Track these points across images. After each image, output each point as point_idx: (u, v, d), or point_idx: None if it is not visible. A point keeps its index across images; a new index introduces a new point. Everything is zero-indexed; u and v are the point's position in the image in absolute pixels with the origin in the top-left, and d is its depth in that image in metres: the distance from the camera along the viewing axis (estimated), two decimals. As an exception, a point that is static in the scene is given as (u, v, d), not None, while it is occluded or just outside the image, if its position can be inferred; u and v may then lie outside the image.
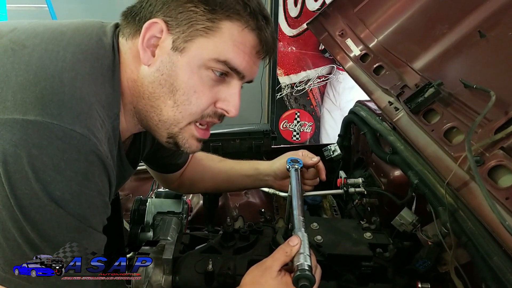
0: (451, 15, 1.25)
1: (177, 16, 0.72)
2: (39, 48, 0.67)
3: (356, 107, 1.63)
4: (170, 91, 0.74)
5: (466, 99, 1.00)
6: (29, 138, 0.59)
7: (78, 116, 0.63)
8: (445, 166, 0.94)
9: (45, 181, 0.60)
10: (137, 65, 0.76)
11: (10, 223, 0.60)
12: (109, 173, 0.70)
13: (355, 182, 1.43)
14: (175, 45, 0.72)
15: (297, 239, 0.76)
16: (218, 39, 0.72)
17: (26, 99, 0.60)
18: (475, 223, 0.81)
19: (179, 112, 0.76)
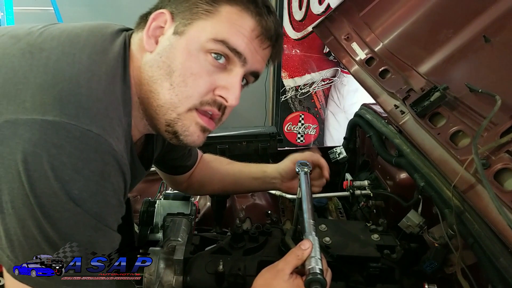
0: (456, 20, 1.27)
1: (181, 4, 0.75)
2: (56, 51, 0.69)
3: (362, 110, 1.65)
4: (167, 73, 0.74)
5: (472, 103, 1.02)
6: (48, 138, 0.60)
7: (94, 117, 0.65)
8: (451, 169, 0.95)
9: (63, 180, 0.61)
10: (142, 53, 0.78)
11: (30, 221, 0.61)
12: (124, 172, 0.71)
13: (361, 185, 1.44)
14: (176, 29, 0.74)
15: (308, 242, 0.78)
16: (216, 20, 0.73)
17: (45, 100, 0.62)
18: (481, 225, 0.83)
19: (175, 95, 0.74)
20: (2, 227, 0.62)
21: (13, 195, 0.61)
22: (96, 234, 0.66)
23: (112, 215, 0.69)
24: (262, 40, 0.77)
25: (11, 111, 0.61)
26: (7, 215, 0.62)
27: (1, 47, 0.71)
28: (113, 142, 0.67)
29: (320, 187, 1.22)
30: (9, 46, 0.70)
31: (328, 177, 1.19)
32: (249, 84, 0.85)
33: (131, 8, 3.51)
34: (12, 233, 0.62)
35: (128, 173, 0.74)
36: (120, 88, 0.73)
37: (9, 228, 0.62)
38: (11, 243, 0.63)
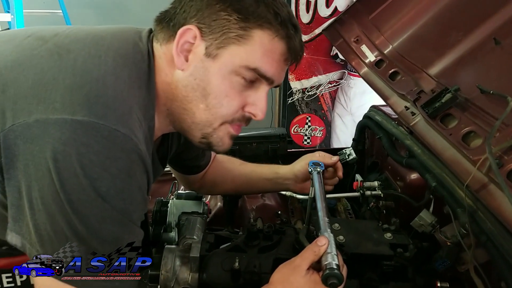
0: (466, 23, 1.28)
1: (211, 23, 0.76)
2: (83, 53, 0.72)
3: (371, 112, 1.67)
4: (203, 95, 0.78)
5: (483, 104, 1.03)
6: (77, 137, 0.63)
7: (121, 117, 0.67)
8: (464, 169, 0.97)
9: (92, 177, 0.63)
10: (171, 69, 0.80)
11: (60, 216, 0.63)
12: (148, 170, 0.74)
13: (371, 185, 1.46)
14: (208, 51, 0.76)
15: (324, 239, 0.80)
16: (249, 47, 0.76)
17: (73, 101, 0.65)
18: (494, 223, 0.85)
19: (211, 115, 0.80)
20: (31, 222, 0.65)
21: (43, 192, 0.63)
22: (122, 229, 0.69)
23: (136, 212, 0.72)
24: (288, 60, 0.82)
25: (41, 111, 0.64)
26: (37, 211, 0.64)
27: (29, 48, 0.73)
28: (138, 142, 0.69)
29: (332, 185, 1.24)
30: (37, 47, 0.73)
31: (341, 176, 1.21)
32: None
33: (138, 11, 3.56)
34: (42, 229, 0.65)
35: (151, 171, 0.76)
36: (143, 94, 0.75)
37: (39, 223, 0.65)
38: (41, 238, 0.65)
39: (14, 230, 0.68)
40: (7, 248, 0.85)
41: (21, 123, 0.63)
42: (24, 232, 0.67)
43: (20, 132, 0.63)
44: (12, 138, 0.64)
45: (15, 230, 0.68)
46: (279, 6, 0.78)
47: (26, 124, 0.63)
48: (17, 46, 0.74)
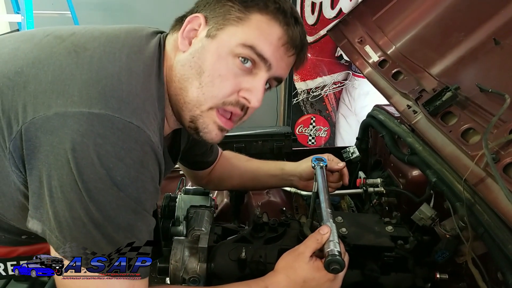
0: (467, 23, 1.31)
1: (215, 10, 0.81)
2: (99, 50, 0.75)
3: (374, 111, 1.70)
4: (198, 72, 0.80)
5: (482, 102, 1.07)
6: (94, 129, 0.66)
7: (134, 110, 0.71)
8: (463, 164, 1.00)
9: (108, 167, 0.67)
10: (175, 53, 0.84)
11: (77, 204, 0.67)
12: (160, 162, 0.77)
13: (374, 182, 1.49)
14: (209, 33, 0.81)
15: (327, 228, 0.84)
16: (246, 27, 0.79)
17: (90, 95, 0.68)
18: (491, 215, 0.88)
19: (202, 94, 0.80)
20: (51, 210, 0.68)
21: (62, 181, 0.66)
22: (135, 217, 0.72)
23: (149, 201, 0.75)
24: (287, 48, 0.83)
25: (60, 105, 0.67)
26: (56, 199, 0.67)
27: (48, 46, 0.77)
28: (150, 134, 0.73)
29: (334, 188, 1.28)
30: (55, 46, 0.76)
31: (347, 183, 1.25)
32: (272, 88, 0.91)
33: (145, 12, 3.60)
34: (61, 215, 0.68)
35: (163, 163, 0.80)
36: (155, 85, 0.79)
37: (58, 210, 0.68)
38: (60, 224, 0.69)
39: (35, 217, 0.72)
40: (26, 237, 0.89)
41: (41, 116, 0.67)
42: (44, 218, 0.70)
43: (40, 124, 0.67)
44: (33, 130, 0.67)
45: (36, 217, 0.71)
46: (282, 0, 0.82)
47: (46, 117, 0.67)
48: (36, 44, 0.78)
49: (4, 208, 0.78)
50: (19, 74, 0.72)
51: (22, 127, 0.68)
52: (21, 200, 0.76)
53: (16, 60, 0.74)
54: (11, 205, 0.77)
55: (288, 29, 0.81)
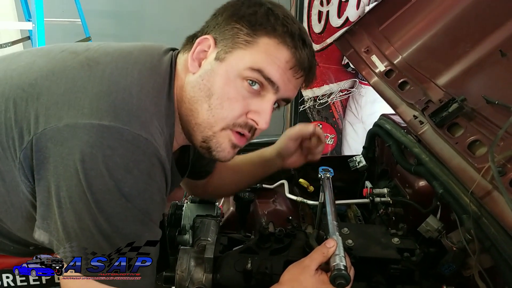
0: (474, 34, 1.32)
1: (224, 32, 0.82)
2: (111, 65, 0.77)
3: (381, 120, 1.70)
4: (207, 95, 0.82)
5: (488, 114, 1.07)
6: (104, 140, 0.68)
7: (143, 123, 0.73)
8: (469, 176, 1.00)
9: (116, 179, 0.68)
10: (186, 74, 0.86)
11: (86, 214, 0.68)
12: (166, 174, 0.79)
13: (381, 192, 1.48)
14: (218, 55, 0.82)
15: (333, 241, 0.84)
16: (254, 50, 0.81)
17: (101, 107, 0.70)
18: (498, 229, 0.88)
19: (212, 116, 0.82)
20: (59, 220, 0.70)
21: (71, 191, 0.68)
22: (142, 227, 0.74)
23: (156, 211, 0.76)
24: (295, 71, 0.84)
25: (71, 116, 0.69)
26: (65, 209, 0.69)
27: (63, 60, 0.79)
28: (158, 147, 0.74)
29: (320, 154, 1.28)
30: (70, 60, 0.79)
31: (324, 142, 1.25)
32: (280, 107, 0.93)
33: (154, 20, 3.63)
34: (69, 226, 0.69)
35: (169, 175, 0.81)
36: (165, 102, 0.80)
37: (67, 221, 0.69)
38: (68, 235, 0.70)
39: (42, 227, 0.73)
40: (34, 248, 0.91)
41: (52, 127, 0.69)
42: (52, 229, 0.72)
43: (51, 135, 0.68)
44: (44, 141, 0.69)
45: (43, 227, 0.73)
46: (289, 21, 0.83)
47: (57, 128, 0.68)
48: (52, 59, 0.80)
49: (13, 219, 0.79)
50: (33, 86, 0.74)
51: (33, 138, 0.69)
52: (30, 210, 0.77)
53: (31, 73, 0.77)
54: (19, 215, 0.78)
55: (296, 52, 0.82)
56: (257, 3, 0.84)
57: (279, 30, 0.81)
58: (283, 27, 0.81)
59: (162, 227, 1.27)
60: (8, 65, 0.81)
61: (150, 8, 3.43)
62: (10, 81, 0.76)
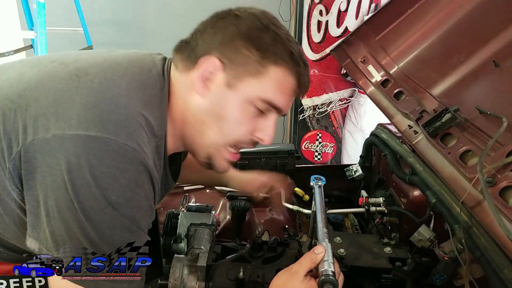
0: (468, 45, 1.33)
1: (232, 57, 0.83)
2: (100, 76, 0.78)
3: (377, 130, 1.71)
4: (218, 120, 0.85)
5: (481, 124, 1.07)
6: (90, 151, 0.68)
7: (130, 133, 0.73)
8: (461, 186, 1.01)
9: (103, 187, 0.69)
10: (190, 95, 0.86)
11: (74, 223, 0.69)
12: (154, 182, 0.79)
13: (376, 201, 1.49)
14: (228, 82, 0.83)
15: (321, 247, 0.85)
16: (265, 80, 0.83)
17: (88, 118, 0.71)
18: (487, 239, 0.88)
19: (222, 138, 0.87)
20: (48, 229, 0.70)
21: (59, 201, 0.68)
22: (130, 235, 0.74)
23: (144, 219, 0.77)
24: (297, 93, 0.89)
25: (58, 127, 0.70)
26: (53, 219, 0.69)
27: (53, 71, 0.80)
28: (145, 156, 0.75)
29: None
30: (59, 71, 0.79)
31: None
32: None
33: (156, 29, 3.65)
34: (58, 234, 0.70)
35: (157, 183, 0.81)
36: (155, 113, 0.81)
37: (55, 230, 0.70)
38: (57, 243, 0.70)
39: (32, 236, 0.74)
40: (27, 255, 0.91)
41: (40, 138, 0.69)
42: (41, 237, 0.72)
43: (39, 146, 0.69)
44: (32, 152, 0.70)
45: (33, 236, 0.73)
46: (293, 45, 0.85)
47: (45, 139, 0.69)
48: (41, 69, 0.81)
49: (5, 226, 0.80)
50: (21, 96, 0.75)
51: (21, 148, 0.70)
52: (22, 217, 0.78)
53: (21, 84, 0.77)
54: (12, 222, 0.79)
55: (300, 78, 0.86)
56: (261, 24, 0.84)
57: (286, 58, 0.83)
58: (290, 55, 0.84)
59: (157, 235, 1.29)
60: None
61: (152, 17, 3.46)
62: (0, 92, 0.77)
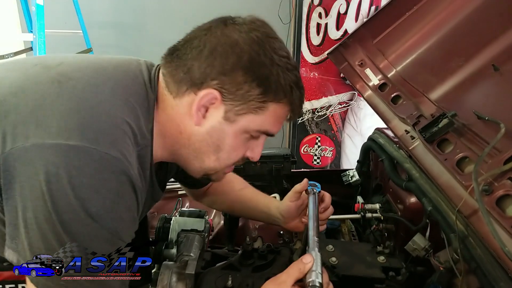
0: (467, 48, 1.30)
1: (233, 90, 0.79)
2: (82, 81, 0.75)
3: (375, 134, 1.68)
4: (215, 149, 0.86)
5: (479, 130, 1.04)
6: (69, 161, 0.66)
7: (113, 142, 0.71)
8: (457, 194, 0.97)
9: (82, 199, 0.66)
10: (185, 120, 0.83)
11: (52, 235, 0.66)
12: (137, 192, 0.76)
13: (372, 208, 1.46)
14: (227, 115, 0.81)
15: (310, 257, 0.81)
16: (264, 116, 0.83)
17: (68, 126, 0.68)
18: (483, 250, 0.85)
19: (219, 165, 0.89)
20: (26, 240, 0.68)
21: (37, 212, 0.66)
22: (111, 247, 0.71)
23: (125, 230, 0.74)
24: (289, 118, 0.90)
25: (38, 135, 0.67)
26: (31, 230, 0.67)
27: (34, 75, 0.77)
28: (128, 165, 0.72)
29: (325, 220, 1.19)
30: (41, 75, 0.77)
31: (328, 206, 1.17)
32: None
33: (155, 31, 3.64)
34: (35, 247, 0.67)
35: (141, 193, 0.79)
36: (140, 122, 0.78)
37: (33, 241, 0.67)
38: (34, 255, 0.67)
39: (11, 247, 0.71)
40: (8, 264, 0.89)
41: (19, 147, 0.67)
42: (20, 249, 0.69)
43: (18, 155, 0.67)
44: (11, 161, 0.67)
45: (12, 247, 0.71)
46: (293, 75, 0.83)
47: (24, 148, 0.67)
48: (23, 74, 0.78)
49: None
50: (1, 103, 0.72)
51: (0, 157, 0.68)
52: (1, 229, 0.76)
53: (2, 89, 0.75)
54: None
55: (294, 106, 0.86)
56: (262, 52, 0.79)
57: (287, 92, 0.83)
58: (290, 88, 0.83)
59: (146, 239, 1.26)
60: None
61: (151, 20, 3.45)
62: None
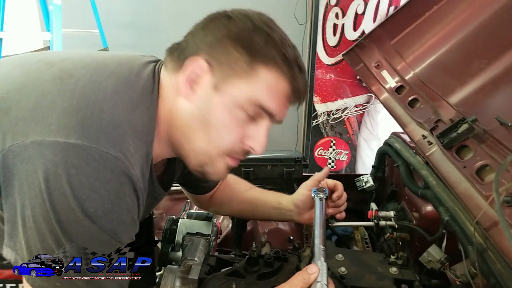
0: (490, 50, 1.24)
1: (220, 58, 0.77)
2: (84, 78, 0.74)
3: (391, 139, 1.63)
4: (204, 125, 0.79)
5: (501, 136, 0.98)
6: (69, 159, 0.64)
7: (113, 140, 0.69)
8: (476, 204, 0.92)
9: (81, 198, 0.65)
10: (177, 98, 0.81)
11: (49, 235, 0.65)
12: (138, 193, 0.74)
13: (387, 215, 1.40)
14: (215, 84, 0.77)
15: (315, 267, 0.78)
16: (254, 83, 0.77)
17: (68, 124, 0.66)
18: (503, 265, 0.79)
19: (209, 145, 0.81)
20: (24, 239, 0.67)
21: (35, 210, 0.65)
22: (109, 249, 0.69)
23: (125, 232, 0.72)
24: (291, 100, 0.83)
25: (38, 133, 0.66)
26: (29, 229, 0.66)
27: (36, 72, 0.76)
28: (129, 165, 0.70)
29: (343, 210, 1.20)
30: (43, 71, 0.75)
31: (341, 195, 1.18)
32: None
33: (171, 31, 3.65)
34: (33, 246, 0.66)
35: (142, 194, 0.76)
36: (142, 118, 0.76)
37: (30, 241, 0.66)
38: (31, 254, 0.67)
39: (9, 245, 0.70)
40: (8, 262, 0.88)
41: (19, 144, 0.66)
42: (17, 248, 0.68)
43: (17, 152, 0.66)
44: (11, 158, 0.66)
45: (10, 245, 0.70)
46: (287, 48, 0.79)
47: (23, 145, 0.65)
48: (26, 69, 0.77)
49: None
50: (3, 99, 0.71)
51: (0, 154, 0.66)
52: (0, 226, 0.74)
53: (4, 85, 0.74)
54: None
55: (294, 82, 0.80)
56: (254, 26, 0.78)
57: (279, 60, 0.77)
58: (283, 57, 0.78)
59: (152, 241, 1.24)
60: None
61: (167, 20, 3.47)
62: None
